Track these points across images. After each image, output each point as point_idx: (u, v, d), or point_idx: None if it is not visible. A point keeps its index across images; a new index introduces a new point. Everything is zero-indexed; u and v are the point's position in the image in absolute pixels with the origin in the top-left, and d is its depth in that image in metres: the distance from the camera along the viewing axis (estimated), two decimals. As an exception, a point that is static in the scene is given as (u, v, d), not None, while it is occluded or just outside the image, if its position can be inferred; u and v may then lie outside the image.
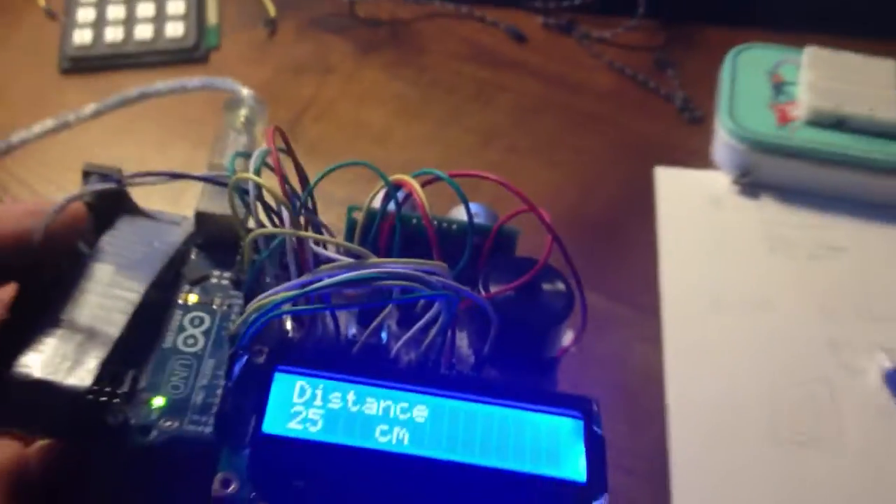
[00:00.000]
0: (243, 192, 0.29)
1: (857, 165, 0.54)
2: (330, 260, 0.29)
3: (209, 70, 0.62)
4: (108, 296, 0.30)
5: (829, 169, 0.55)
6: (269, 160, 0.29)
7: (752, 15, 0.66)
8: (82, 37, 0.62)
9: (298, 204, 0.29)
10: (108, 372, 0.29)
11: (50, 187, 0.55)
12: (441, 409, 0.28)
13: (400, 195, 0.31)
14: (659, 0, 0.64)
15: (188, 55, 0.62)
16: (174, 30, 0.63)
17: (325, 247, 0.29)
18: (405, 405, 0.28)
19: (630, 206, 0.57)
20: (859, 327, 0.51)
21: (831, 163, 0.55)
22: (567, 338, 0.34)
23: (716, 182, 0.57)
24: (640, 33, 0.65)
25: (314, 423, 0.27)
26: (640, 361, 0.50)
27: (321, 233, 0.30)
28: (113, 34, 0.62)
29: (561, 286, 0.33)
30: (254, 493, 0.27)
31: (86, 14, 0.63)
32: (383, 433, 0.28)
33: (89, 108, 0.58)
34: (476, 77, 0.63)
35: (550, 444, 0.28)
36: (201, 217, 0.33)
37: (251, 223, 0.29)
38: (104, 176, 0.33)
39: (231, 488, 0.26)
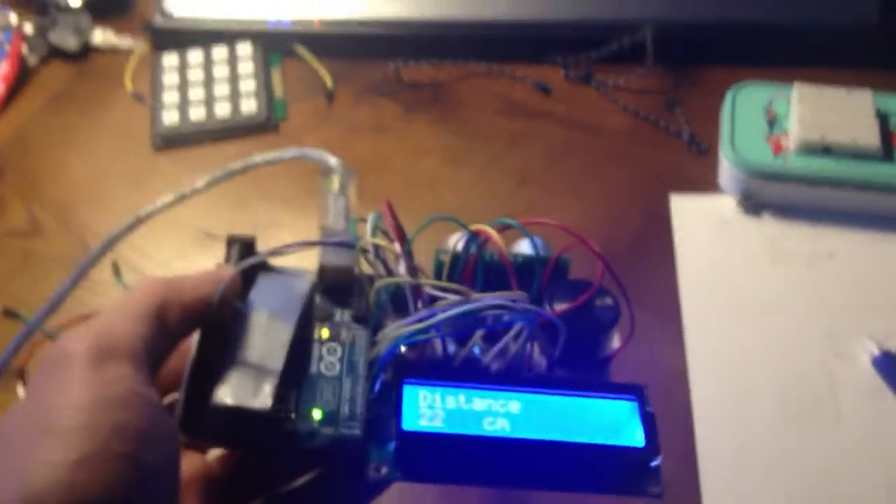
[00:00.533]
0: (364, 251, 0.40)
1: (843, 185, 0.64)
2: (436, 298, 0.38)
3: (280, 138, 0.72)
4: (267, 337, 0.39)
5: (819, 189, 0.64)
6: (382, 224, 0.40)
7: (747, 55, 0.75)
8: (171, 118, 0.72)
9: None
10: (278, 395, 0.37)
11: (171, 254, 0.66)
12: (530, 402, 0.38)
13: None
14: (665, 48, 0.73)
15: (261, 127, 0.73)
16: (248, 106, 0.73)
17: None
18: (503, 401, 0.38)
19: (650, 230, 0.66)
20: (850, 320, 0.60)
21: (821, 184, 0.64)
22: (616, 342, 0.44)
23: (723, 205, 0.67)
24: (650, 79, 0.74)
25: (438, 419, 0.37)
26: (668, 363, 0.59)
27: (417, 275, 0.40)
28: (196, 113, 0.73)
29: (609, 301, 0.43)
30: (399, 474, 0.37)
31: (171, 96, 0.74)
32: (490, 423, 0.37)
33: (202, 181, 0.69)
34: (510, 128, 0.73)
35: (614, 421, 0.38)
36: (325, 270, 0.41)
37: (364, 270, 0.40)
38: (246, 244, 0.42)
39: (382, 472, 0.37)
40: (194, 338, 0.39)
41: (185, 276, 0.38)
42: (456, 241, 0.42)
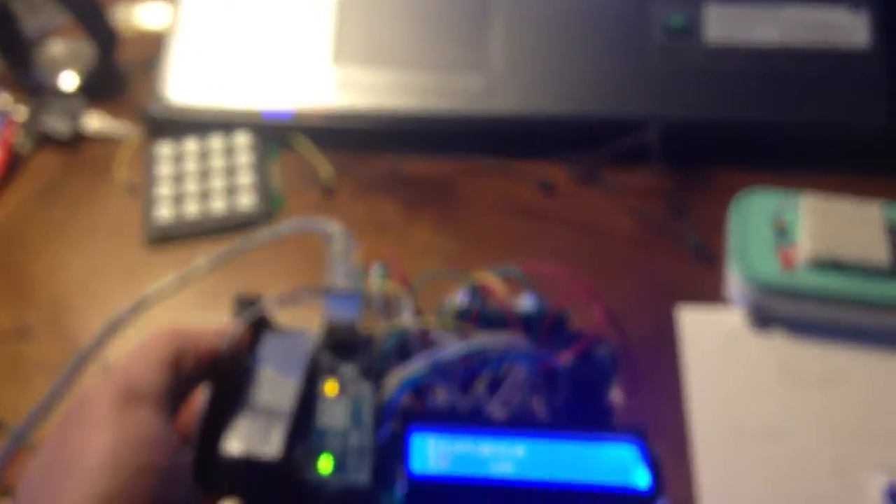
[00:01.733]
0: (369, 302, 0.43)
1: (854, 303, 0.62)
2: (440, 343, 0.41)
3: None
4: (275, 391, 0.41)
5: (830, 306, 0.63)
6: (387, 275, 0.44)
7: (755, 156, 0.74)
8: (164, 213, 0.70)
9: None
10: (288, 445, 0.39)
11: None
12: (534, 446, 0.40)
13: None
14: (671, 147, 0.72)
15: (259, 220, 0.71)
16: (245, 200, 0.71)
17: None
18: (508, 446, 0.40)
19: (657, 340, 0.65)
20: (862, 449, 0.59)
21: (831, 301, 0.63)
22: (617, 395, 0.47)
23: (731, 318, 0.65)
24: (654, 179, 0.73)
25: (445, 463, 0.39)
26: (677, 492, 0.58)
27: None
28: (191, 207, 0.71)
29: (608, 350, 0.46)
30: None
31: (165, 189, 0.72)
32: (496, 467, 0.39)
33: (204, 264, 0.67)
34: (514, 228, 0.71)
35: (619, 463, 0.40)
36: (331, 324, 0.44)
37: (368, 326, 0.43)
38: (251, 302, 0.44)
39: None
40: (204, 391, 0.41)
41: (197, 327, 0.41)
42: (459, 295, 0.45)
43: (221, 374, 0.41)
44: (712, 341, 0.65)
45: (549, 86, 0.74)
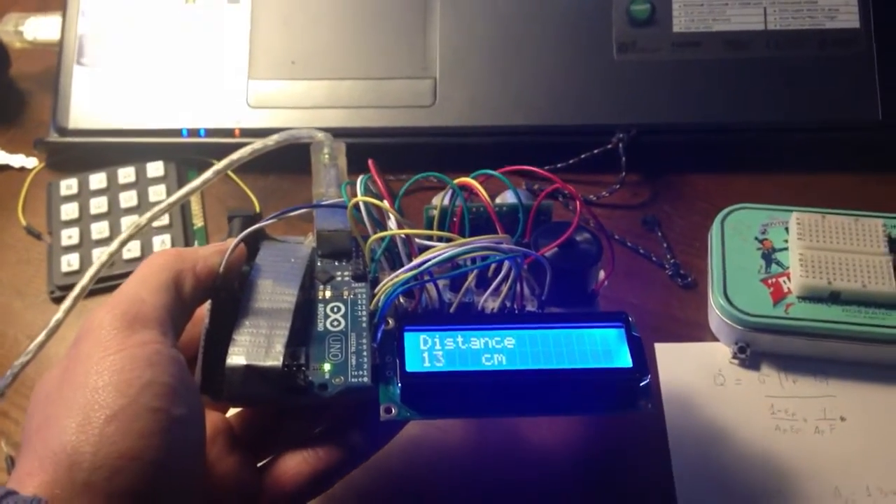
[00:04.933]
0: (357, 210, 0.43)
1: (853, 338, 0.55)
2: (428, 247, 0.42)
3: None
4: (274, 301, 0.42)
5: (826, 342, 0.55)
6: (370, 185, 0.43)
7: (731, 160, 0.66)
8: (69, 262, 0.62)
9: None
10: (289, 352, 0.40)
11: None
12: (523, 337, 0.42)
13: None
14: (640, 154, 0.64)
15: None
16: (161, 245, 0.62)
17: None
18: (498, 338, 0.41)
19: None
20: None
21: (828, 336, 0.55)
22: (600, 276, 0.48)
23: (715, 354, 0.58)
24: (624, 191, 0.65)
25: (439, 359, 0.41)
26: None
27: (406, 227, 0.43)
28: (100, 255, 0.62)
29: (590, 237, 0.46)
30: (408, 413, 0.41)
31: (70, 235, 0.63)
32: (487, 359, 0.41)
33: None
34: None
35: (603, 347, 0.42)
36: (322, 234, 0.45)
37: (358, 231, 0.44)
38: (248, 218, 0.46)
39: (393, 412, 0.41)
40: (206, 307, 0.42)
41: (194, 249, 0.42)
42: (442, 197, 0.45)
43: (221, 292, 0.42)
44: (695, 380, 0.57)
45: (498, 94, 0.66)
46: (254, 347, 0.40)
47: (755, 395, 0.56)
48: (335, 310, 0.43)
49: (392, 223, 0.43)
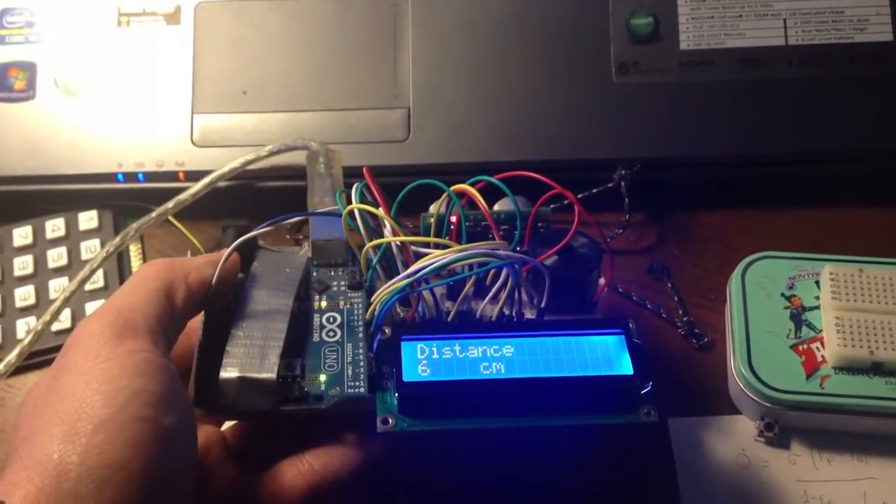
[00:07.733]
0: (352, 218, 0.43)
1: (896, 415, 0.48)
2: (425, 255, 0.42)
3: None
4: (268, 311, 0.42)
5: (865, 419, 0.48)
6: (365, 192, 0.43)
7: (745, 196, 0.60)
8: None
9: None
10: (284, 363, 0.40)
11: None
12: (522, 345, 0.41)
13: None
14: (645, 190, 0.58)
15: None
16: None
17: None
18: (496, 347, 0.41)
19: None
20: None
21: (871, 414, 0.48)
22: (600, 283, 0.48)
23: (736, 429, 0.51)
24: (629, 232, 0.57)
25: (437, 369, 0.40)
26: None
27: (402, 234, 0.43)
28: (26, 331, 0.53)
29: (589, 243, 0.47)
30: (406, 423, 0.40)
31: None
32: (485, 367, 0.40)
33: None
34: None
35: (604, 354, 0.41)
36: (317, 244, 0.45)
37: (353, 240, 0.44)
38: (239, 228, 0.46)
39: (390, 423, 0.39)
40: (200, 319, 0.42)
41: (186, 259, 0.42)
42: (439, 204, 0.46)
43: (215, 302, 0.42)
44: (715, 460, 0.50)
45: (480, 126, 0.59)
46: (248, 359, 0.40)
47: (785, 480, 0.49)
48: (331, 320, 0.43)
49: (388, 231, 0.43)
